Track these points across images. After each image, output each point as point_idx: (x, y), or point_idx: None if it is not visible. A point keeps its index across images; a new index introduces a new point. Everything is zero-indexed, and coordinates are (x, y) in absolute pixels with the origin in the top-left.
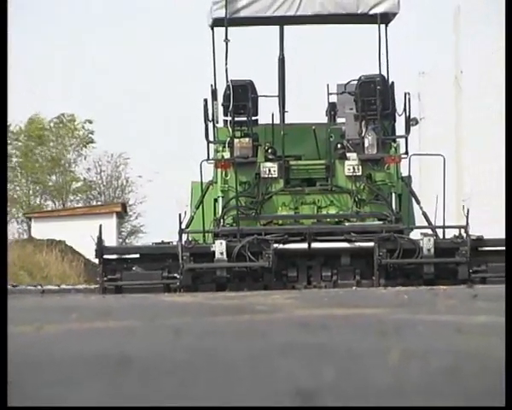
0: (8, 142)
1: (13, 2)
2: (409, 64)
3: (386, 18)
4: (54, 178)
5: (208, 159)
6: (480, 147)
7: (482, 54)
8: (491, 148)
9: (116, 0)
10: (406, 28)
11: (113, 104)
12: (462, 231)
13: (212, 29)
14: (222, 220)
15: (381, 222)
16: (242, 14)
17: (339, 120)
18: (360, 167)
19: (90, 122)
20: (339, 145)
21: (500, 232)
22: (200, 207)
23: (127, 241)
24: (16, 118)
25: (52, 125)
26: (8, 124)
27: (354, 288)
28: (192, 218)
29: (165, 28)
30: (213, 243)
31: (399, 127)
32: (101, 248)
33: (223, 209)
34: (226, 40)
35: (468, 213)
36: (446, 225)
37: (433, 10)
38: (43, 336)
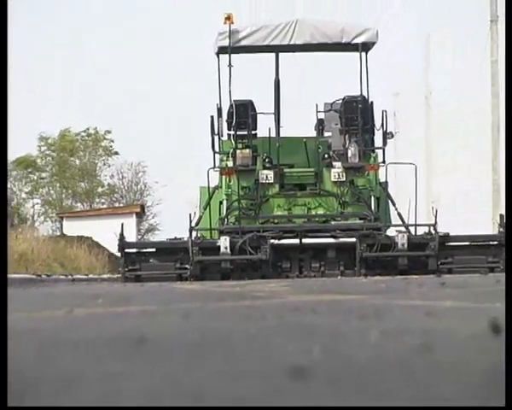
0: (48, 152)
1: (13, 2)
2: (386, 86)
3: (366, 47)
4: (82, 184)
5: (214, 167)
6: (447, 156)
7: (449, 77)
8: (457, 157)
9: (117, 0)
10: (384, 55)
11: (125, 111)
12: (432, 228)
13: (218, 56)
14: (226, 220)
15: (361, 221)
16: (243, 43)
17: (326, 134)
18: (344, 174)
19: (109, 132)
20: (326, 155)
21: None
22: (208, 208)
23: (145, 237)
24: (47, 130)
25: (80, 138)
26: (45, 136)
27: (339, 277)
28: (200, 217)
29: (168, 29)
30: (219, 238)
31: (378, 140)
32: (122, 243)
33: (227, 210)
34: (230, 65)
35: (436, 213)
36: (418, 223)
37: (405, 40)
38: (72, 318)
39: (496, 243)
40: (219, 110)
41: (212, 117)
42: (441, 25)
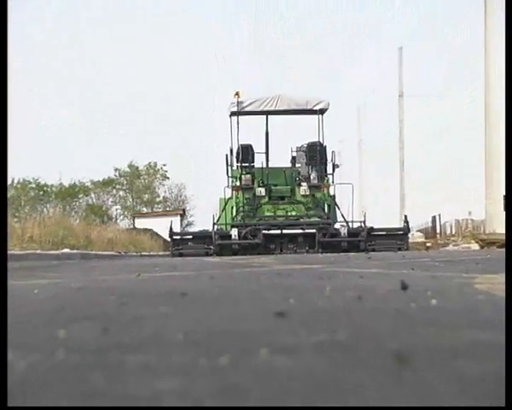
0: (117, 177)
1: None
2: (334, 135)
3: (322, 111)
4: (146, 195)
5: (228, 186)
6: (372, 179)
7: (374, 134)
8: (378, 179)
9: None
10: (333, 116)
11: (177, 148)
12: (362, 223)
13: (230, 117)
14: (235, 218)
15: (319, 219)
16: (246, 109)
17: (297, 165)
18: (308, 190)
19: (165, 165)
20: (297, 179)
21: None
22: (224, 211)
23: (185, 229)
24: (117, 164)
25: (145, 169)
26: (118, 168)
27: (305, 254)
28: (220, 217)
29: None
30: (231, 230)
31: (329, 169)
32: (171, 233)
33: (236, 212)
34: (237, 123)
35: (365, 215)
36: (353, 220)
37: (346, 109)
38: (140, 279)
39: (401, 232)
40: (231, 150)
41: (226, 155)
42: (367, 100)
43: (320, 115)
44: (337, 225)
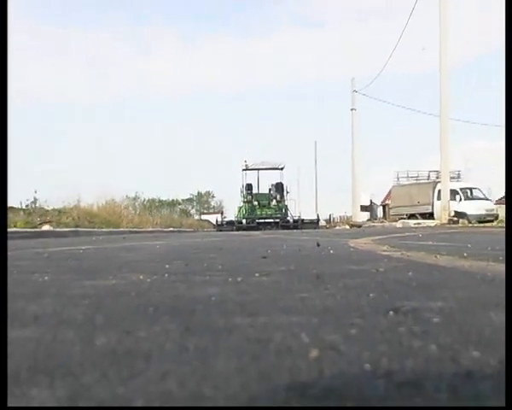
0: (192, 197)
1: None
2: (288, 178)
3: (282, 168)
4: (205, 205)
5: (241, 201)
6: (304, 198)
7: (305, 179)
8: (306, 199)
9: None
10: (287, 171)
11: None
12: (299, 217)
13: (242, 171)
14: (244, 215)
15: (281, 215)
16: (249, 168)
17: (271, 192)
18: (276, 203)
19: (212, 191)
20: (271, 198)
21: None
22: (239, 212)
23: (223, 219)
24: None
25: (204, 193)
26: (192, 193)
27: (274, 230)
28: (237, 215)
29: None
30: (242, 219)
31: (285, 193)
32: (216, 221)
33: (244, 212)
34: (245, 175)
35: (300, 213)
36: (295, 215)
37: (291, 169)
38: (202, 242)
39: (316, 221)
40: (242, 185)
41: (240, 188)
42: (302, 165)
43: (281, 170)
44: (288, 218)
